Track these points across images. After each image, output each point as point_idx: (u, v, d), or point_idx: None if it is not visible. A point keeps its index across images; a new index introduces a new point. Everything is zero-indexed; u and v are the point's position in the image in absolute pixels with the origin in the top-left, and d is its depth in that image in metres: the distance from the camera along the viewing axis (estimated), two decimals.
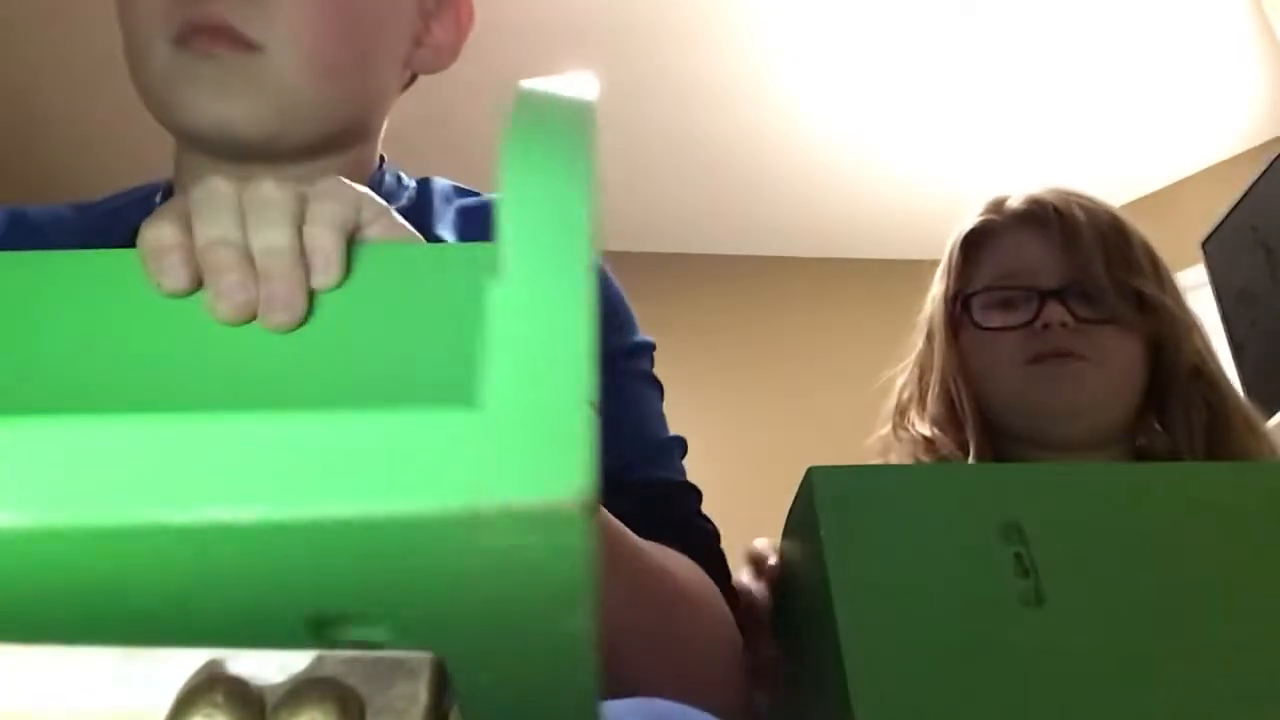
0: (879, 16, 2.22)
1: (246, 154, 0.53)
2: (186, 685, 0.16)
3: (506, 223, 0.20)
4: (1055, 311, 0.81)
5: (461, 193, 0.64)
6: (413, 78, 0.64)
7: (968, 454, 0.83)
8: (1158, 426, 0.85)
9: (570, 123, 0.23)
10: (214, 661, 0.16)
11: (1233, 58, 2.35)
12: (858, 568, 0.47)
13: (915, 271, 0.97)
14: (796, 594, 0.56)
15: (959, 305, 0.87)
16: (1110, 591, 0.48)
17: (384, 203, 0.38)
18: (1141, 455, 0.85)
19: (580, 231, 0.20)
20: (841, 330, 2.81)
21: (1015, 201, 0.89)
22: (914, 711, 0.45)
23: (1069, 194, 0.88)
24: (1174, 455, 0.82)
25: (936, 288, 0.90)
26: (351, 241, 0.36)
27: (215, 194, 0.35)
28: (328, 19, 0.53)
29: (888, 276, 2.52)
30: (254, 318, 0.35)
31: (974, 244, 0.89)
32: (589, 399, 0.18)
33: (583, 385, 0.18)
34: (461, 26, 0.63)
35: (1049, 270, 0.83)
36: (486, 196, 0.64)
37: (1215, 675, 0.46)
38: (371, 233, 0.37)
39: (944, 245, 0.92)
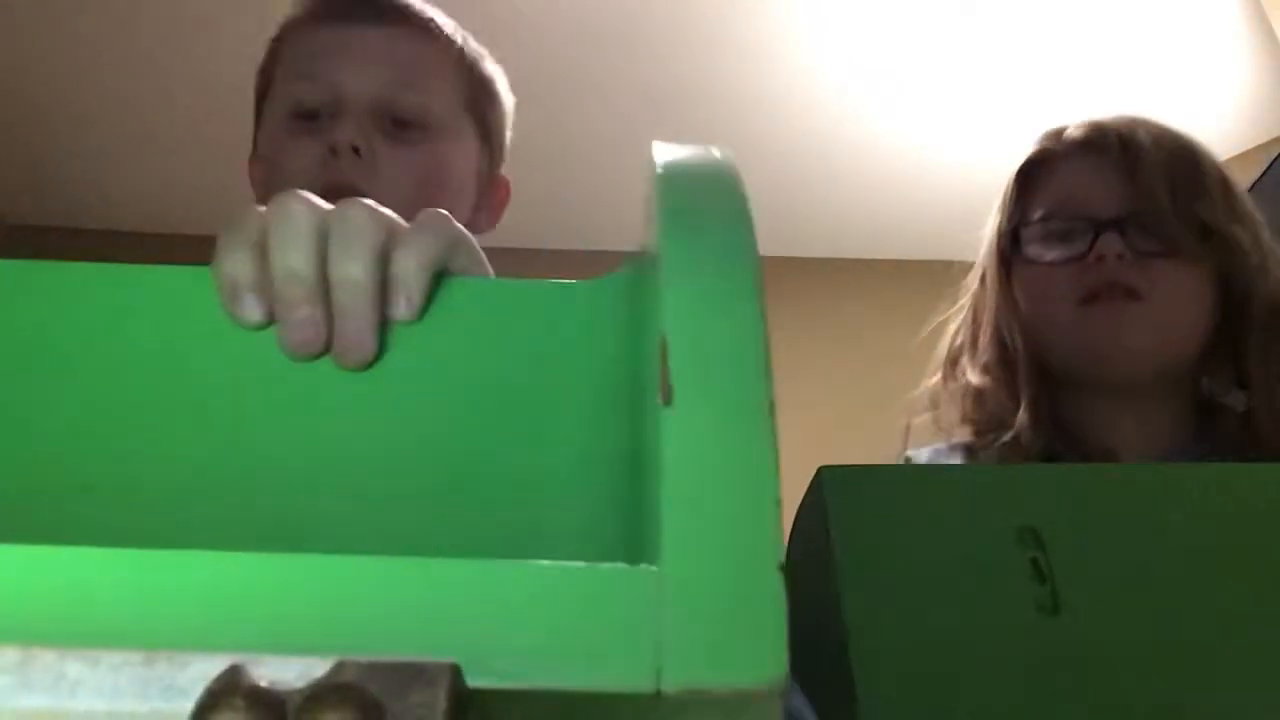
0: (880, 16, 2.22)
1: None
2: (208, 689, 0.16)
3: (680, 355, 0.19)
4: (1111, 242, 0.74)
5: None
6: None
7: (1019, 405, 0.76)
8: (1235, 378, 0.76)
9: (736, 245, 0.21)
10: (235, 666, 0.16)
11: (1233, 58, 2.35)
12: (868, 571, 0.46)
13: (921, 271, 0.96)
14: (804, 598, 0.55)
15: (1010, 240, 0.80)
16: (1130, 598, 0.47)
17: (482, 255, 0.40)
18: (1207, 407, 0.77)
19: (760, 370, 0.19)
20: (846, 330, 2.81)
21: (1075, 129, 0.82)
22: (922, 718, 0.44)
23: (1135, 119, 0.81)
24: (1248, 407, 0.75)
25: (990, 224, 0.84)
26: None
27: (294, 220, 0.35)
28: (425, 190, 0.71)
29: (893, 277, 2.51)
30: (325, 353, 0.34)
31: (1029, 175, 0.82)
32: (779, 562, 0.16)
33: (773, 546, 0.16)
34: (501, 200, 0.84)
35: (1107, 199, 0.76)
36: None
37: (1237, 684, 0.45)
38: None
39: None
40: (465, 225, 0.76)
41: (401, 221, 0.37)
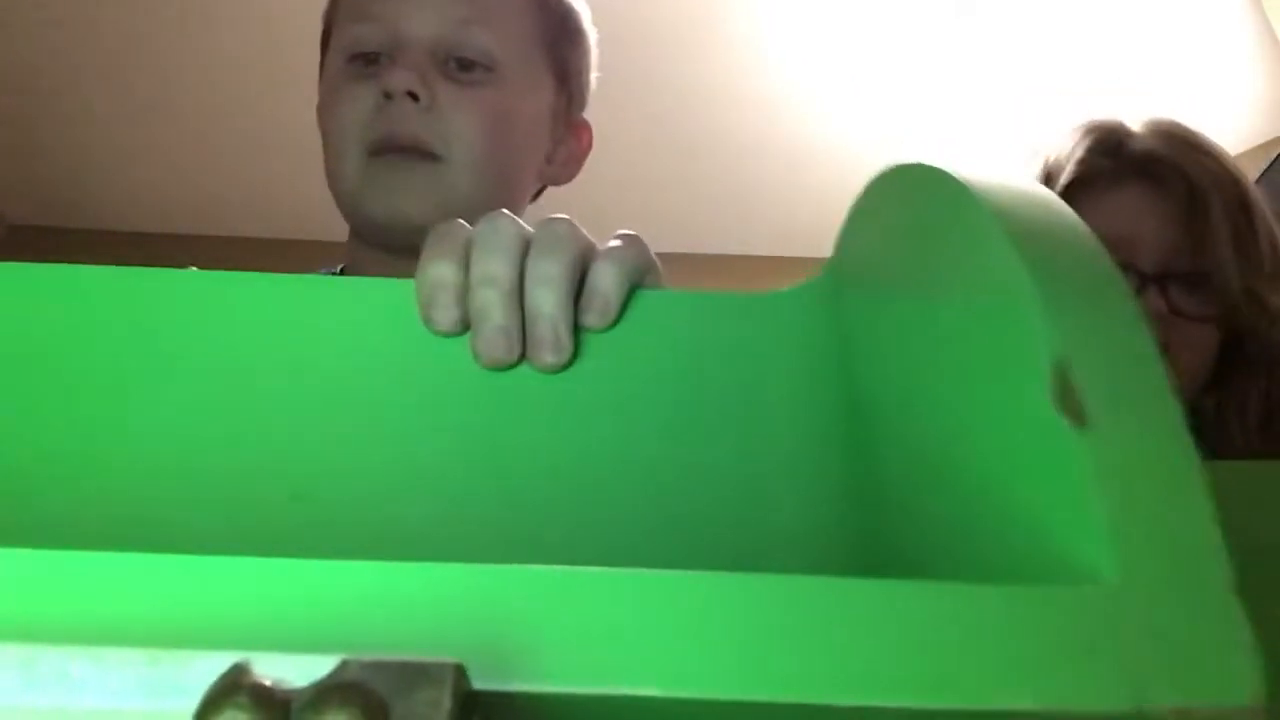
0: (878, 17, 2.22)
1: (412, 246, 0.62)
2: (211, 688, 0.16)
3: (1089, 376, 0.19)
4: (1151, 300, 0.68)
5: None
6: (540, 189, 0.77)
7: None
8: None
9: (1099, 263, 0.21)
10: (239, 665, 0.16)
11: (1233, 58, 2.35)
12: None
13: None
14: None
15: None
16: None
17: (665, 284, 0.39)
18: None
19: (1169, 388, 0.19)
20: None
21: (1133, 149, 0.73)
22: None
23: (1196, 151, 0.73)
24: (1219, 418, 0.72)
25: None
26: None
27: (499, 231, 0.35)
28: (491, 137, 0.66)
29: None
30: (517, 363, 0.35)
31: (1076, 194, 0.73)
32: (1232, 581, 0.16)
33: (1224, 564, 0.16)
34: (582, 148, 0.78)
35: (1156, 247, 0.70)
36: None
37: None
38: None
39: None
40: (538, 176, 0.76)
41: (598, 243, 0.37)
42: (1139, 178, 0.73)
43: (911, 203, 0.31)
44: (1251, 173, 1.81)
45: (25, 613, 0.18)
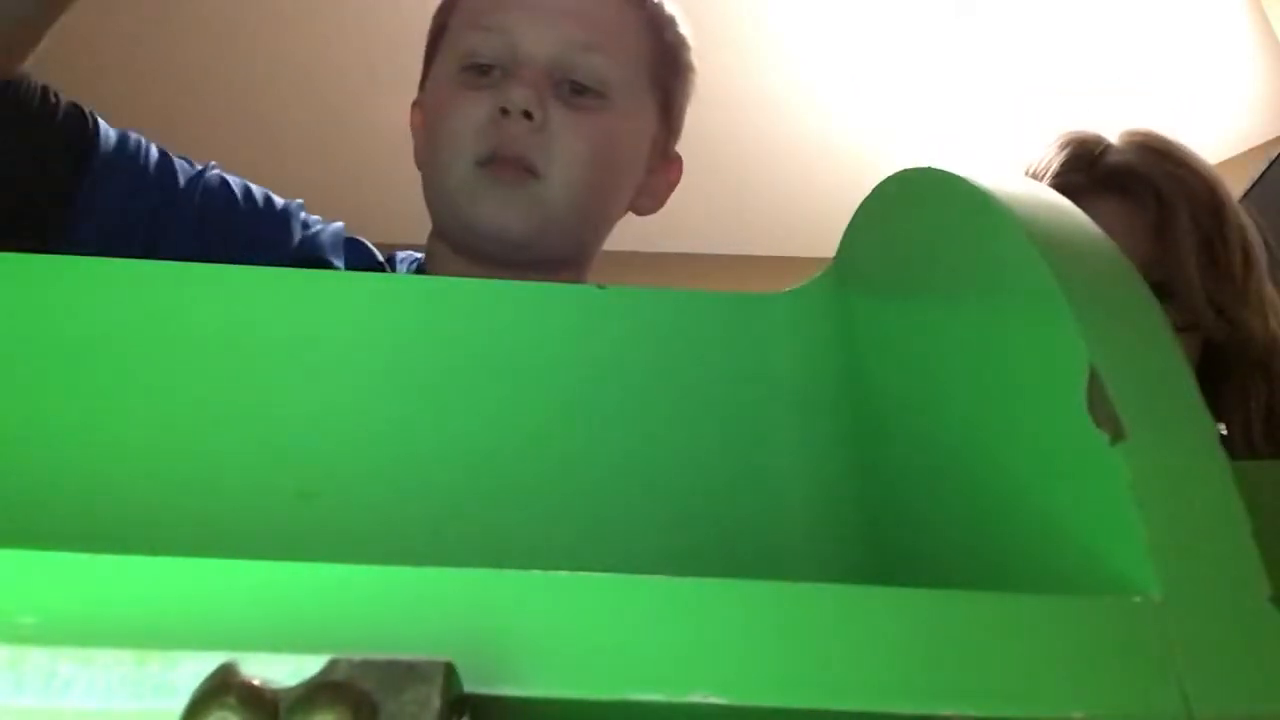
0: (878, 17, 2.22)
1: (501, 258, 0.67)
2: (200, 688, 0.16)
3: (1122, 387, 0.19)
4: None
5: None
6: (623, 213, 0.78)
7: None
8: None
9: (1124, 272, 0.21)
10: (228, 664, 0.16)
11: (1233, 58, 2.35)
12: None
13: None
14: None
15: None
16: None
17: None
18: None
19: (1200, 399, 0.19)
20: None
21: (1109, 165, 0.77)
22: None
23: (1168, 162, 0.76)
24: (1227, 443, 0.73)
25: None
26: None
27: None
28: (594, 163, 0.68)
29: None
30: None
31: None
32: (1269, 591, 0.16)
33: (1261, 574, 0.16)
34: (671, 182, 0.80)
35: (1128, 255, 0.72)
36: None
37: None
38: None
39: None
40: (629, 204, 0.77)
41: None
42: (1112, 191, 0.76)
43: (926, 207, 0.30)
44: (1251, 173, 1.81)
45: (13, 613, 0.18)
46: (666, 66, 0.76)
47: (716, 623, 0.17)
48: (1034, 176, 0.79)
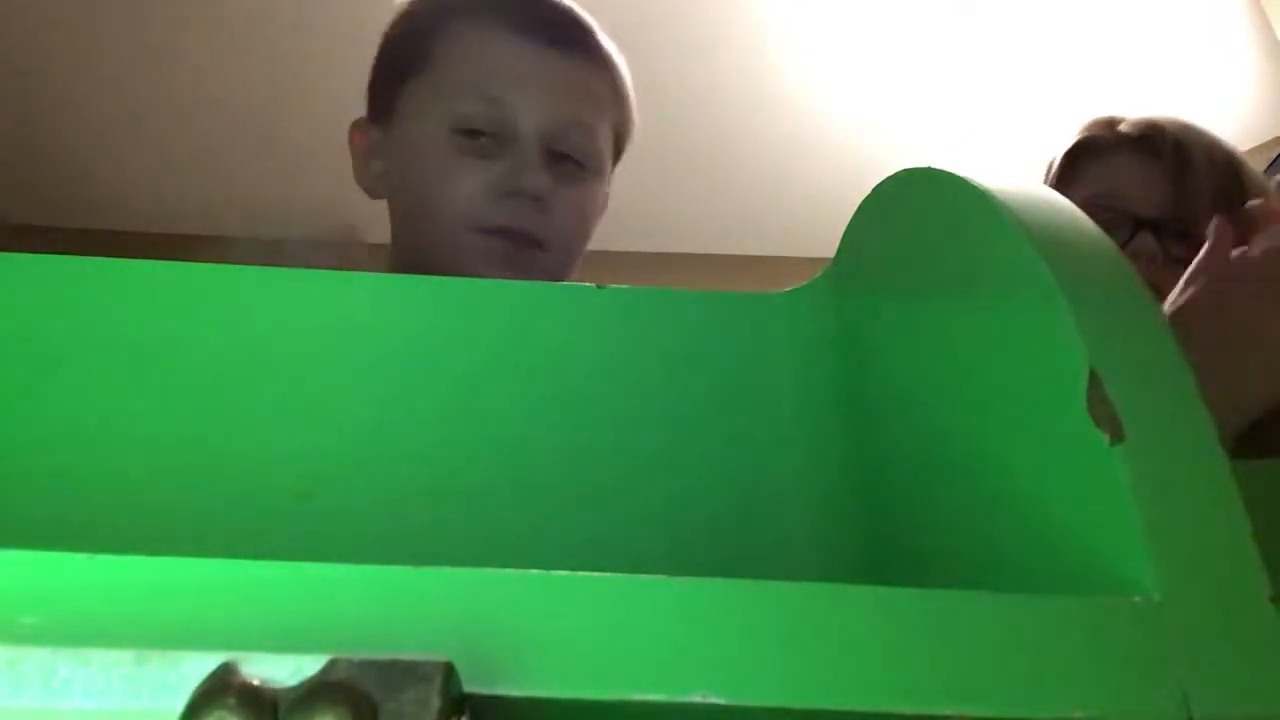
0: (879, 17, 2.22)
1: None
2: (200, 688, 0.16)
3: (1121, 389, 0.19)
4: (1146, 242, 0.76)
5: None
6: None
7: None
8: None
9: (1124, 274, 0.21)
10: (227, 664, 0.16)
11: (1233, 58, 2.35)
12: None
13: None
14: None
15: None
16: None
17: None
18: None
19: (1200, 400, 0.19)
20: None
21: (1130, 124, 0.84)
22: None
23: (1189, 127, 0.83)
24: None
25: None
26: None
27: None
28: (583, 231, 0.75)
29: None
30: None
31: (1077, 158, 0.85)
32: (1270, 592, 0.16)
33: (1261, 575, 0.16)
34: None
35: (1150, 200, 0.79)
36: None
37: None
38: None
39: None
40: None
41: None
42: (1133, 144, 0.82)
43: (925, 208, 0.30)
44: None
45: (13, 613, 0.17)
46: (623, 124, 0.81)
47: (716, 623, 0.17)
48: (1057, 153, 0.85)
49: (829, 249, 0.41)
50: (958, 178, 0.27)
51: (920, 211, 0.31)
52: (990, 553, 0.24)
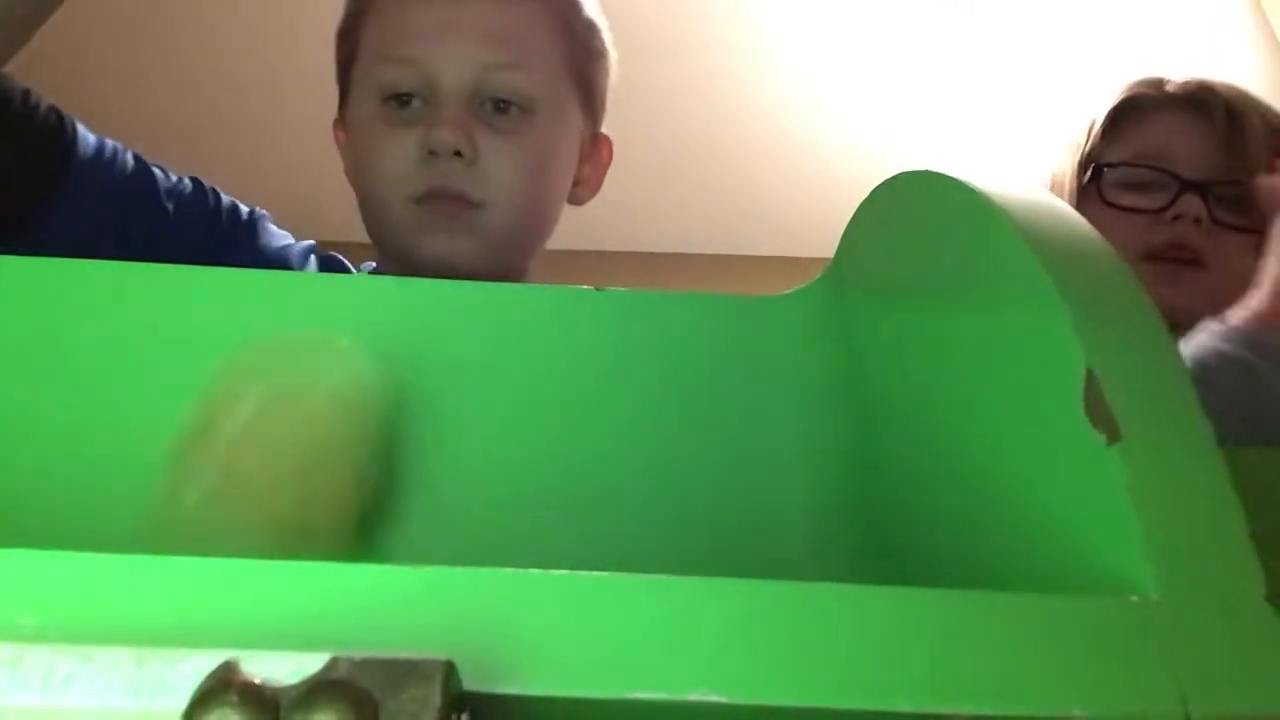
0: (878, 17, 2.22)
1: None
2: (201, 687, 0.16)
3: (1118, 390, 0.19)
4: (1192, 204, 0.73)
5: None
6: (561, 208, 0.78)
7: None
8: None
9: (1121, 275, 0.21)
10: (229, 663, 0.16)
11: (1233, 58, 2.35)
12: None
13: None
14: None
15: (1090, 174, 0.78)
16: None
17: None
18: None
19: (1196, 401, 0.19)
20: None
21: (1179, 84, 0.80)
22: None
23: (1242, 90, 0.81)
24: None
25: (1064, 161, 0.81)
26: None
27: None
28: (531, 182, 0.69)
29: None
30: None
31: (1121, 116, 0.80)
32: (1265, 591, 0.16)
33: (1259, 575, 0.17)
34: (604, 163, 0.79)
35: (1198, 161, 0.75)
36: None
37: None
38: None
39: None
40: (568, 200, 0.75)
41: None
42: (1182, 105, 0.79)
43: (924, 210, 0.31)
44: None
45: (13, 613, 0.18)
46: (582, 59, 0.74)
47: (716, 622, 0.17)
48: (1090, 121, 0.82)
49: (828, 249, 0.41)
50: (955, 180, 0.27)
51: (918, 214, 0.31)
52: (988, 553, 0.24)
